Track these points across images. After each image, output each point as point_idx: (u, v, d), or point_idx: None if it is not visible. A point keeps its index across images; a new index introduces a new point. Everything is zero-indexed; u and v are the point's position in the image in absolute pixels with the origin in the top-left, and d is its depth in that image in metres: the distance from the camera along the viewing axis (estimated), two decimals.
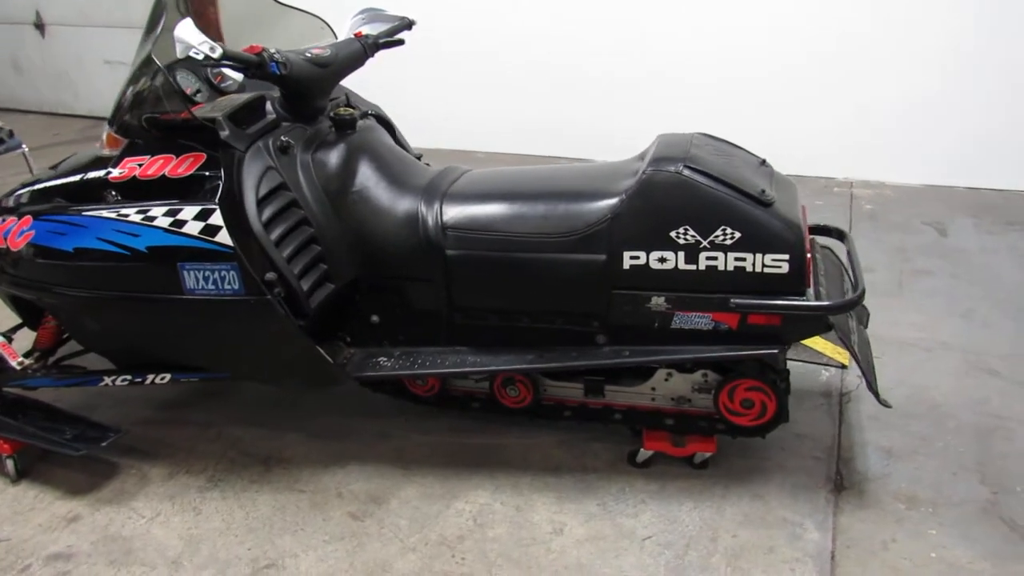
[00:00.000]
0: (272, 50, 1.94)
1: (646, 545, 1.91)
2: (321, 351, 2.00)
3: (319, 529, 2.01)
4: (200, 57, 1.77)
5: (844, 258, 2.23)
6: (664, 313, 1.95)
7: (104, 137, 2.13)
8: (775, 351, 1.91)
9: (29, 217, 2.09)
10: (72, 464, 2.24)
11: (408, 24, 2.41)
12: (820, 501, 2.02)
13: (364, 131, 2.22)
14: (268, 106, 2.13)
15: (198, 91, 2.17)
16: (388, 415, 2.41)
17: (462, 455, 2.25)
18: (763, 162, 2.09)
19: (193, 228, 1.90)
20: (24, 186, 2.23)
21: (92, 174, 2.06)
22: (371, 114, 2.37)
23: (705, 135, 2.11)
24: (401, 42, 2.37)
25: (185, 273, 1.94)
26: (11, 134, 3.53)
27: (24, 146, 3.59)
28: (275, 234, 1.94)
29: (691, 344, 1.97)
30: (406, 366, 2.10)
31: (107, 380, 2.19)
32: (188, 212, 1.91)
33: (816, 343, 2.63)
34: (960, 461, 2.14)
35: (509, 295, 2.05)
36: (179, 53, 1.79)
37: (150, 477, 2.21)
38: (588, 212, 1.94)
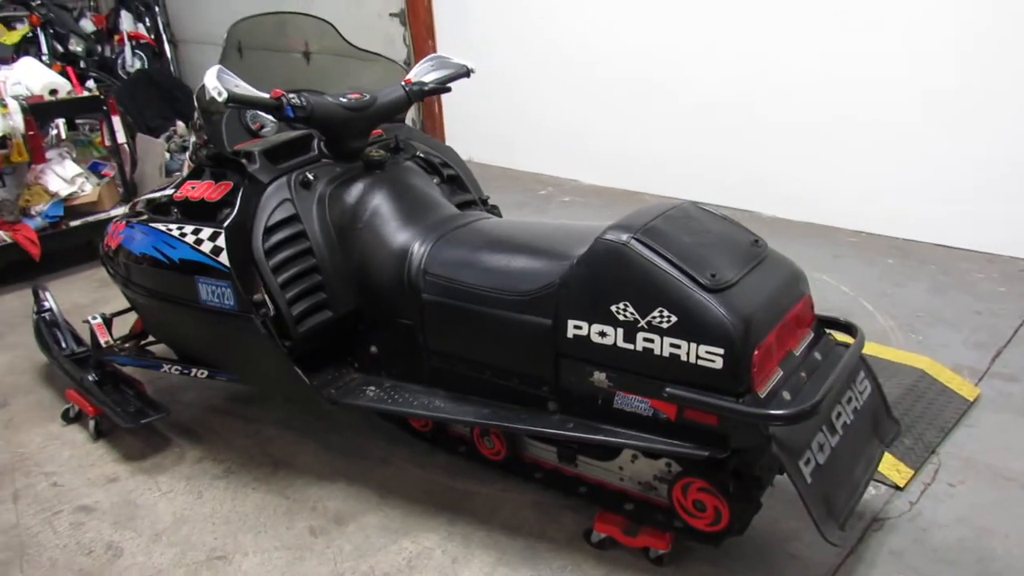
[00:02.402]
0: (292, 95, 2.14)
1: None
2: (299, 372, 2.16)
3: (278, 535, 2.16)
4: (219, 98, 2.01)
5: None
6: (606, 390, 1.82)
7: (184, 165, 2.49)
8: (704, 454, 1.69)
9: (124, 222, 2.52)
10: (139, 433, 2.64)
11: (466, 73, 2.51)
12: None
13: (394, 171, 2.34)
14: (314, 145, 2.36)
15: (262, 127, 2.45)
16: (400, 442, 2.50)
17: (438, 494, 2.28)
18: (755, 242, 1.86)
19: (207, 247, 2.17)
20: (143, 195, 2.68)
21: (168, 191, 2.43)
22: (420, 156, 2.50)
23: (696, 205, 1.93)
24: (448, 89, 2.47)
25: (200, 285, 2.21)
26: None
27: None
28: (275, 259, 2.14)
29: (632, 428, 1.82)
30: (383, 400, 2.19)
31: (166, 367, 2.55)
32: (205, 232, 2.18)
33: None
34: None
35: (472, 347, 2.05)
36: (204, 95, 2.07)
37: (184, 457, 2.53)
38: (542, 274, 1.89)
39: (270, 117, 2.37)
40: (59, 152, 3.97)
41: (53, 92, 3.80)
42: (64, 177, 3.90)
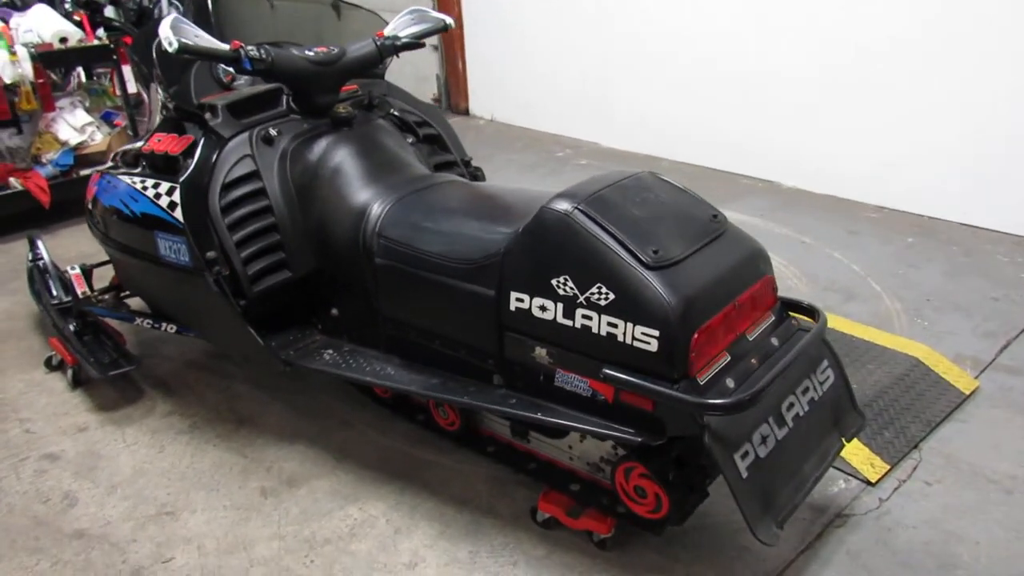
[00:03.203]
0: (251, 47, 2.07)
1: None
2: (252, 333, 2.13)
3: (228, 494, 2.16)
4: (169, 48, 1.96)
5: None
6: (547, 367, 1.74)
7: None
8: (637, 440, 1.61)
9: (99, 174, 2.50)
10: (115, 384, 2.66)
11: (444, 27, 2.40)
12: None
13: (362, 129, 2.27)
14: (283, 100, 2.29)
15: (234, 80, 2.40)
16: (364, 407, 2.46)
17: (394, 462, 2.25)
18: (714, 217, 1.74)
19: (164, 201, 2.14)
20: (123, 148, 2.66)
21: (137, 144, 2.40)
22: (394, 114, 2.42)
23: (656, 176, 1.82)
24: (421, 45, 2.37)
25: (159, 240, 2.18)
26: None
27: None
28: (232, 217, 2.10)
29: (572, 408, 1.74)
30: (338, 364, 2.14)
31: (138, 320, 2.55)
32: (164, 187, 2.15)
33: (847, 445, 2.13)
34: None
35: (421, 315, 1.99)
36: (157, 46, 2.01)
37: (154, 410, 2.54)
38: (488, 242, 1.80)
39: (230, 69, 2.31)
40: (71, 101, 3.99)
41: (63, 40, 3.81)
42: (74, 126, 3.93)
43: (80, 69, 4.42)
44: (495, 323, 1.80)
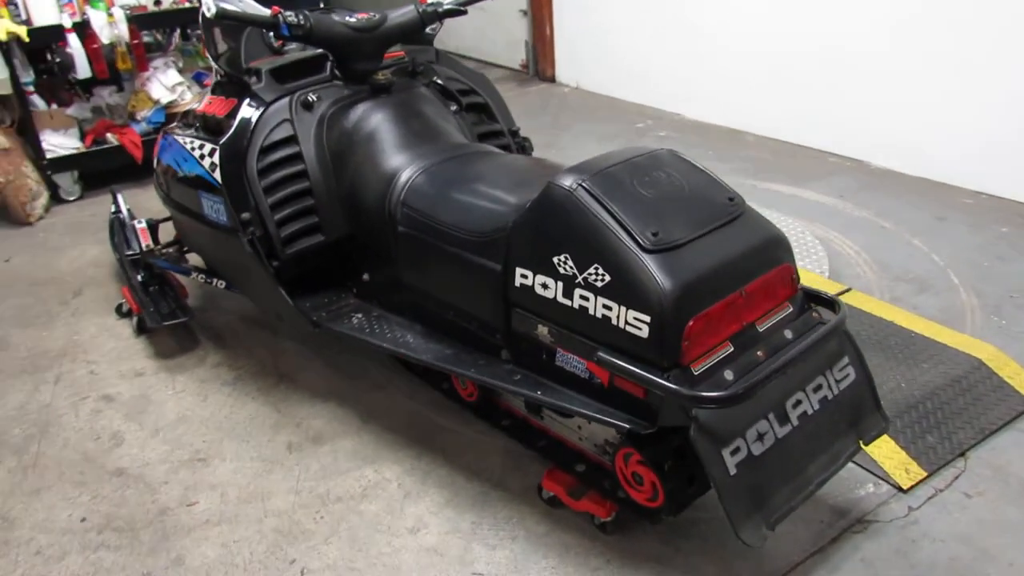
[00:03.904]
0: (290, 13, 2.10)
1: None
2: (283, 293, 2.19)
3: (258, 446, 2.25)
4: (208, 13, 2.02)
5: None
6: (549, 346, 1.72)
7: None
8: (627, 426, 1.56)
9: (163, 133, 2.62)
10: (174, 333, 2.81)
11: None
12: None
13: (400, 96, 2.27)
14: (327, 66, 2.32)
15: (285, 45, 2.44)
16: (399, 370, 2.50)
17: (417, 427, 2.28)
18: (731, 199, 1.65)
19: (207, 162, 2.22)
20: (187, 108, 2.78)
21: (194, 104, 2.49)
22: (437, 82, 2.41)
23: (674, 154, 1.73)
24: (464, 12, 2.34)
25: (203, 200, 2.27)
26: None
27: None
28: (268, 180, 2.15)
29: (571, 388, 1.71)
30: (362, 329, 2.18)
31: (194, 275, 2.68)
32: (207, 148, 2.23)
33: (882, 447, 2.00)
34: None
35: (437, 285, 1.99)
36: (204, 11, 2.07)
37: (205, 361, 2.67)
38: (498, 216, 1.78)
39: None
40: (165, 61, 4.18)
41: (157, 3, 3.99)
42: (166, 85, 4.12)
43: (178, 30, 4.62)
44: (502, 298, 1.78)
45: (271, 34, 2.42)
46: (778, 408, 1.57)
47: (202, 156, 2.25)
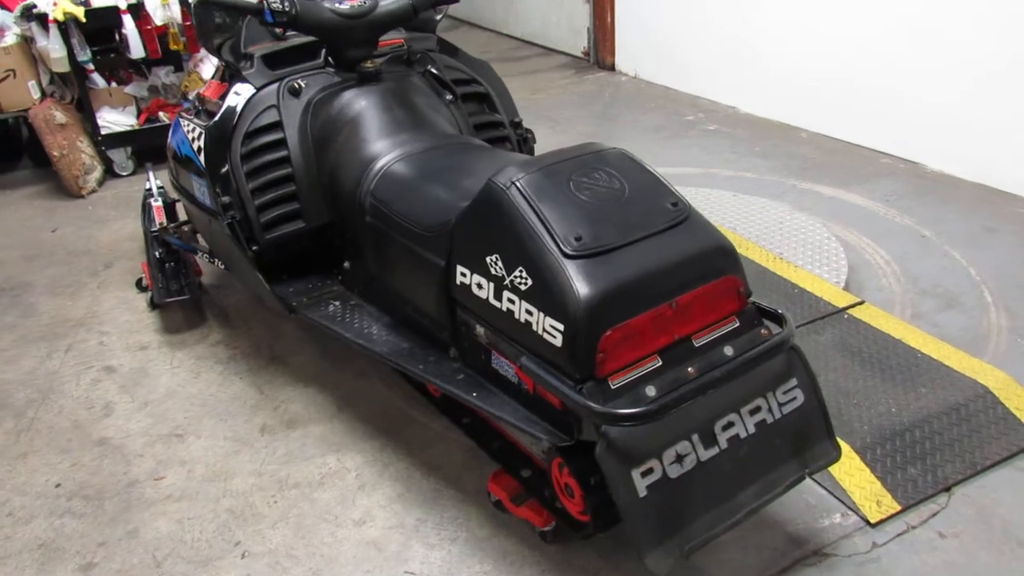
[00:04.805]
0: (276, 0, 2.10)
1: None
2: (260, 277, 2.21)
3: (234, 426, 2.30)
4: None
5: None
6: (485, 347, 1.67)
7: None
8: (542, 437, 1.50)
9: (176, 115, 2.69)
10: (185, 309, 2.90)
11: None
12: None
13: (388, 85, 2.25)
14: (321, 53, 2.33)
15: (286, 31, 2.45)
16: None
17: (389, 417, 2.28)
18: (674, 204, 1.55)
19: (195, 145, 2.26)
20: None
21: (200, 89, 2.54)
22: (431, 71, 2.37)
23: (624, 154, 1.64)
24: (456, 0, 2.29)
25: (193, 181, 2.32)
26: None
27: None
28: (251, 165, 2.18)
29: (505, 392, 1.66)
30: (333, 317, 2.19)
31: (201, 253, 2.75)
32: (197, 131, 2.27)
33: (855, 476, 1.87)
34: None
35: (395, 278, 1.97)
36: None
37: (207, 338, 2.74)
38: (445, 210, 1.74)
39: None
40: None
41: None
42: (216, 66, 4.24)
43: None
44: (447, 295, 1.74)
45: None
46: (704, 429, 1.47)
47: (193, 139, 2.29)
